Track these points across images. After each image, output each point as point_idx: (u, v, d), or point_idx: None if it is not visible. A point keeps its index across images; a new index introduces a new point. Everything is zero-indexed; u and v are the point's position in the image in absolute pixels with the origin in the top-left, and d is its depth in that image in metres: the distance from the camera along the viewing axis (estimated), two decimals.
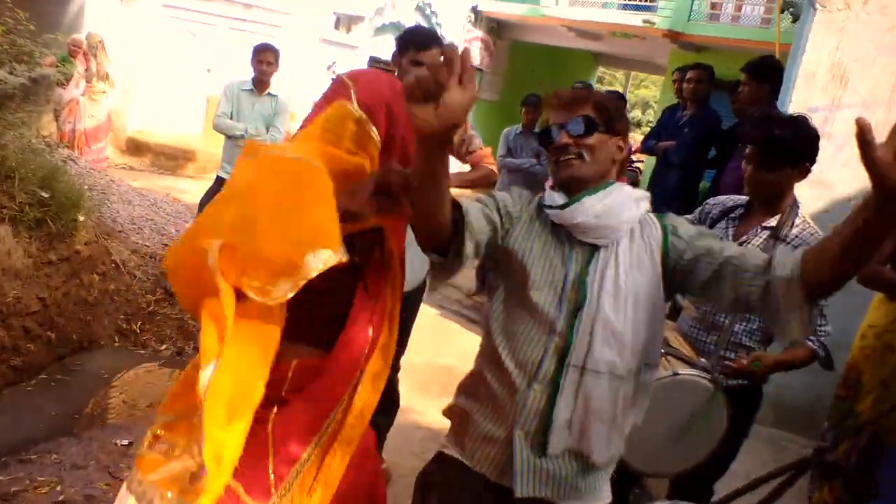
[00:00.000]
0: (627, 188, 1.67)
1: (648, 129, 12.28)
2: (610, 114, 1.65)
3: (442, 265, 1.58)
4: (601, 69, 20.91)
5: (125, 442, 3.35)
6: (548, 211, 1.66)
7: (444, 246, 1.54)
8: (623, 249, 1.61)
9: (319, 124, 1.67)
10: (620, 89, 22.76)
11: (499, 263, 1.70)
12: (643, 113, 25.67)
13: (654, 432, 2.17)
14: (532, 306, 1.61)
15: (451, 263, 1.57)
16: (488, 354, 1.71)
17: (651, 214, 1.68)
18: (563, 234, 1.65)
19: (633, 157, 8.13)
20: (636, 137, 16.43)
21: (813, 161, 2.37)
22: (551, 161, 1.68)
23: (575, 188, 1.64)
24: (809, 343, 2.36)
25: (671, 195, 5.14)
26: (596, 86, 19.67)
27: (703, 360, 2.35)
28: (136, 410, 3.78)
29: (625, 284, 1.58)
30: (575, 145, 1.62)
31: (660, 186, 5.33)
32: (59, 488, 2.94)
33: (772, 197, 2.41)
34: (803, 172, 2.37)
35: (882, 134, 4.05)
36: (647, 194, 1.68)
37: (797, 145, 2.32)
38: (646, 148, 5.62)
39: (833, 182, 3.79)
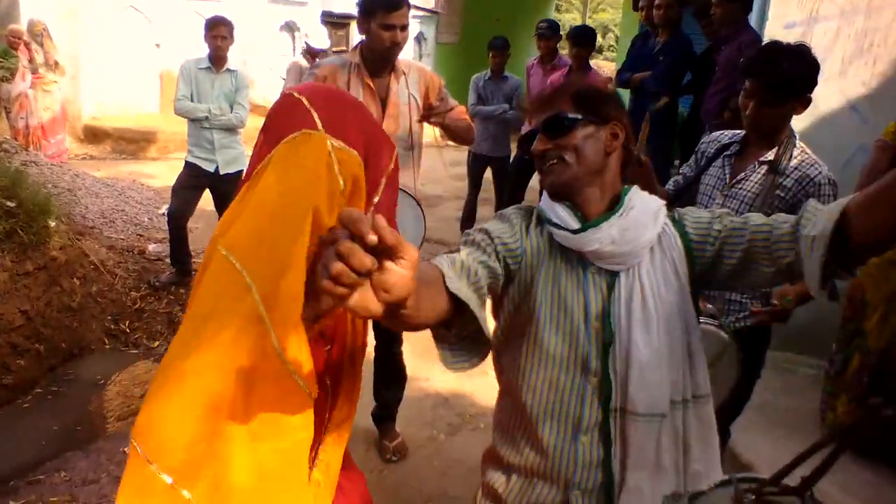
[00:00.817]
0: (642, 196, 1.44)
1: (609, 53, 12.10)
2: (594, 101, 1.44)
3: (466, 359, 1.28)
4: None
5: None
6: (553, 231, 1.43)
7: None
8: (646, 270, 1.39)
9: (291, 168, 1.29)
10: (578, 15, 22.40)
11: (506, 308, 1.48)
12: (603, 37, 25.29)
13: None
14: (549, 346, 1.41)
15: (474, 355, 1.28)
16: (514, 412, 1.50)
17: (666, 219, 1.44)
18: (575, 257, 1.42)
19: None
20: (599, 63, 16.21)
21: (812, 91, 2.30)
22: (538, 171, 1.48)
23: (565, 195, 1.43)
24: None
25: (651, 126, 5.05)
26: (553, 14, 19.31)
27: (710, 306, 2.32)
28: (134, 405, 3.71)
29: (654, 310, 1.36)
30: (555, 148, 1.42)
31: (638, 117, 5.24)
32: None
33: (772, 131, 2.34)
34: (805, 104, 2.30)
35: (859, 43, 3.98)
36: (663, 204, 1.45)
37: (802, 77, 2.25)
38: (621, 82, 5.51)
39: (816, 98, 3.70)
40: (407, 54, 13.75)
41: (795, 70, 2.22)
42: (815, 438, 2.83)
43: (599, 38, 26.02)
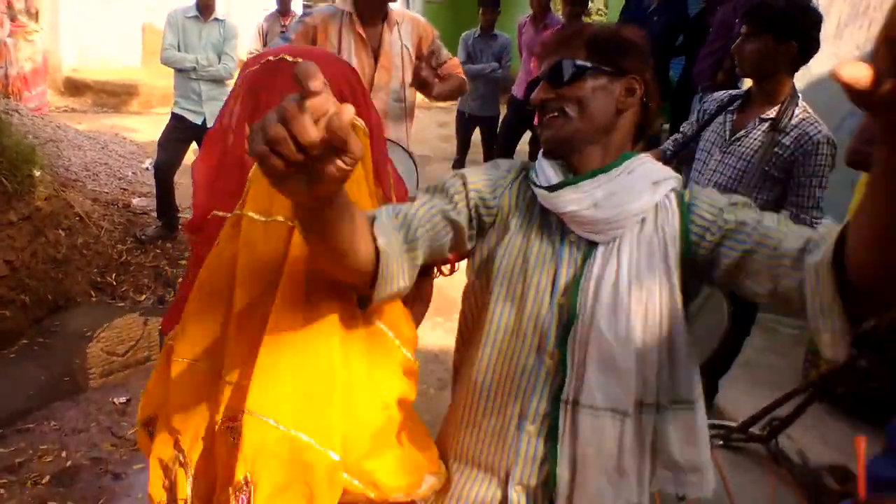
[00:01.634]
0: (648, 165, 1.23)
1: (599, 13, 11.97)
2: (612, 49, 1.22)
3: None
4: None
5: (122, 399, 3.29)
6: (534, 188, 1.26)
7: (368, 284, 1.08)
8: (628, 246, 1.18)
9: None
10: None
11: (475, 262, 1.32)
12: None
13: None
14: (505, 316, 1.24)
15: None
16: (464, 391, 1.32)
17: (671, 193, 1.22)
18: (555, 221, 1.24)
19: None
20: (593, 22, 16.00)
21: (804, 42, 2.29)
22: (538, 123, 1.30)
23: (562, 152, 1.25)
24: None
25: None
26: None
27: None
28: (128, 367, 3.71)
29: (627, 294, 1.15)
30: (557, 98, 1.23)
31: None
32: (63, 454, 2.89)
33: (765, 74, 2.35)
34: (790, 52, 2.29)
35: (855, 6, 3.93)
36: (673, 174, 1.23)
37: (790, 17, 2.25)
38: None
39: (811, 61, 3.72)
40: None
41: (781, 7, 2.25)
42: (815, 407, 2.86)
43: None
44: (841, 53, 3.68)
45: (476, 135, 6.37)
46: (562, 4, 5.51)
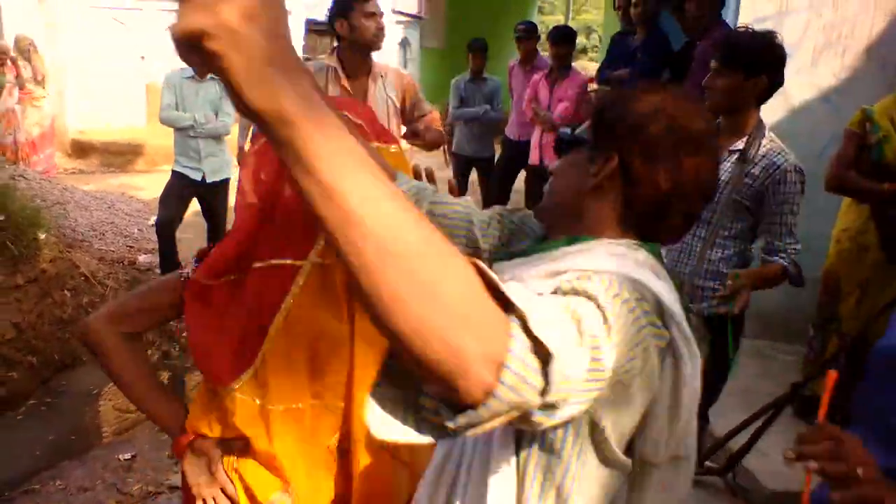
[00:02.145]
0: (586, 256, 0.98)
1: (593, 54, 12.20)
2: (607, 117, 1.07)
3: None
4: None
5: (128, 456, 3.33)
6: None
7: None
8: None
9: None
10: (562, 17, 22.49)
11: None
12: (587, 38, 25.44)
13: None
14: None
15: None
16: None
17: None
18: None
19: (590, 88, 8.10)
20: (584, 65, 16.30)
21: (772, 76, 2.37)
22: None
23: (545, 225, 1.20)
24: (781, 260, 2.39)
25: None
26: (536, 17, 19.41)
27: None
28: (134, 424, 3.75)
29: None
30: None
31: None
32: None
33: (727, 108, 2.42)
34: (759, 86, 2.36)
35: (828, 35, 4.04)
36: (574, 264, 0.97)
37: (756, 53, 2.32)
38: (602, 80, 5.58)
39: (787, 90, 3.78)
40: (391, 60, 13.84)
41: (745, 40, 2.33)
42: (794, 422, 2.91)
43: (583, 39, 26.17)
44: (818, 81, 3.77)
45: (473, 174, 6.48)
46: (548, 47, 5.65)
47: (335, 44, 3.07)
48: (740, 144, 2.43)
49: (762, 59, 2.36)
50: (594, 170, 1.04)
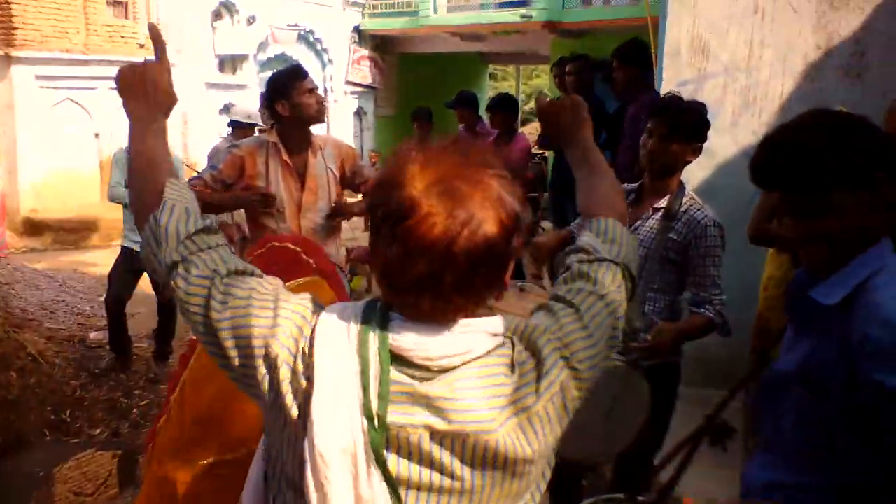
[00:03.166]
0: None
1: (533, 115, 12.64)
2: None
3: None
4: (492, 67, 21.29)
5: None
6: None
7: None
8: None
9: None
10: (513, 83, 23.22)
11: None
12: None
13: (582, 420, 2.28)
14: None
15: None
16: None
17: None
18: None
19: (536, 152, 8.38)
20: (536, 127, 16.80)
21: (702, 140, 2.54)
22: None
23: None
24: (706, 312, 2.50)
25: (570, 182, 5.31)
26: (489, 83, 20.02)
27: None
28: (83, 498, 3.68)
29: None
30: None
31: (560, 175, 5.53)
32: None
33: (667, 170, 2.55)
34: (696, 152, 2.53)
35: (745, 97, 4.28)
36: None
37: (697, 121, 2.50)
38: (542, 144, 5.81)
39: (712, 149, 4.00)
40: (348, 128, 14.13)
41: (695, 114, 2.51)
42: (739, 466, 2.99)
43: (534, 103, 27.00)
44: (739, 139, 3.99)
45: None
46: (490, 116, 5.85)
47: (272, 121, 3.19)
48: (664, 202, 2.57)
49: (702, 128, 2.53)
50: None
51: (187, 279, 1.06)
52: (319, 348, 0.96)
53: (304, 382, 0.97)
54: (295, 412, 0.97)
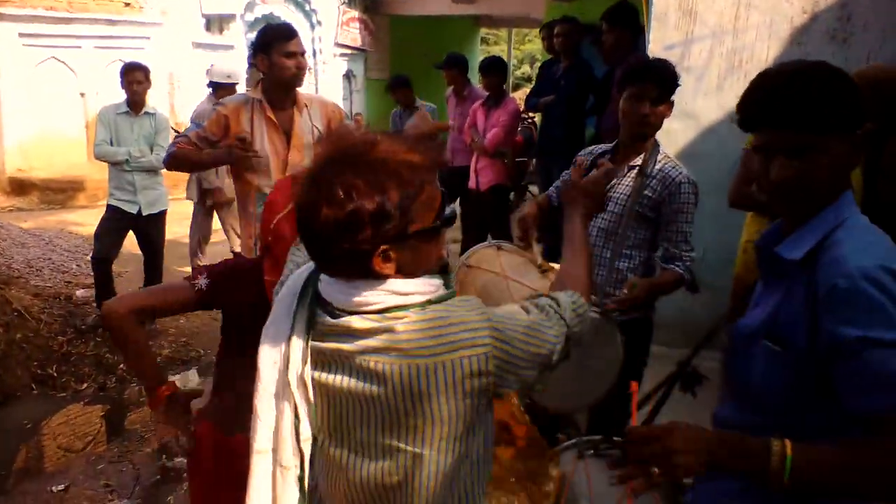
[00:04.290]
0: None
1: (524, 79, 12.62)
2: None
3: None
4: (484, 30, 21.05)
5: (61, 487, 3.32)
6: None
7: None
8: None
9: None
10: (505, 48, 23.03)
11: None
12: (532, 67, 26.04)
13: (558, 372, 2.34)
14: None
15: None
16: None
17: None
18: None
19: (527, 114, 8.36)
20: (527, 92, 16.71)
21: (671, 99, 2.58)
22: None
23: None
24: (676, 268, 2.56)
25: (559, 145, 5.34)
26: (480, 48, 19.84)
27: (593, 297, 2.52)
28: (69, 455, 3.73)
29: None
30: None
31: (548, 139, 5.54)
32: None
33: (647, 132, 2.59)
34: (669, 111, 2.56)
35: (731, 61, 4.27)
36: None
37: (675, 83, 2.54)
38: (530, 106, 5.81)
39: (697, 112, 4.02)
40: (337, 91, 14.00)
41: (673, 74, 2.54)
42: (682, 397, 3.06)
43: (527, 68, 26.77)
44: (724, 103, 4.00)
45: None
46: (481, 79, 5.84)
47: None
48: (639, 160, 2.60)
49: (672, 84, 2.56)
50: None
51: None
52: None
53: None
54: None
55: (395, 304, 1.17)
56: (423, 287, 1.19)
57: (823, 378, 1.25)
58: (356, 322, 1.17)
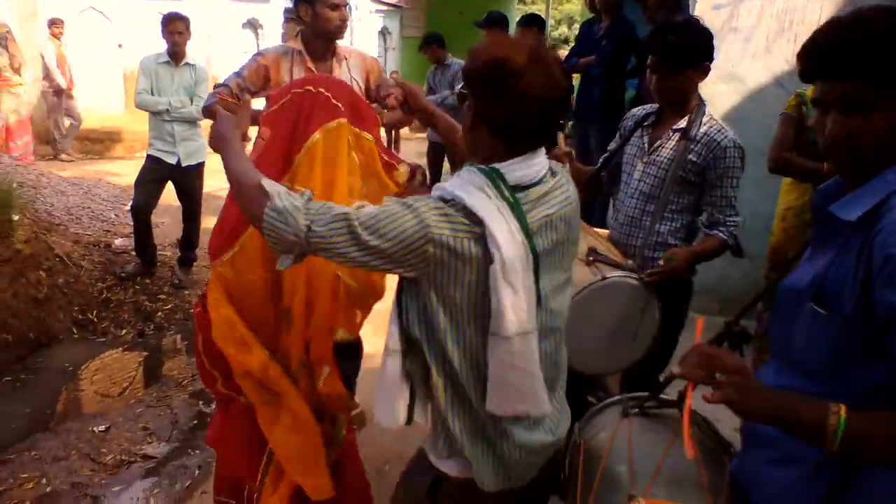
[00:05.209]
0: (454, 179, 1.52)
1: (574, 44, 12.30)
2: (466, 77, 1.51)
3: None
4: None
5: (102, 428, 3.43)
6: None
7: None
8: None
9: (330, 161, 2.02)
10: (542, 7, 22.60)
11: None
12: (569, 28, 25.56)
13: (594, 335, 2.34)
14: None
15: None
16: None
17: None
18: None
19: None
20: (564, 53, 16.43)
21: (711, 58, 2.48)
22: None
23: None
24: (720, 233, 2.51)
25: (596, 108, 5.26)
26: (517, 7, 19.50)
27: (631, 261, 2.50)
28: (108, 398, 3.84)
29: None
30: None
31: (585, 101, 5.45)
32: (44, 481, 3.02)
33: (679, 100, 2.53)
34: (704, 71, 2.48)
35: (781, 22, 4.17)
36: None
37: (694, 46, 2.43)
38: (568, 66, 5.70)
39: (744, 75, 3.94)
40: (371, 48, 13.90)
41: (684, 39, 2.41)
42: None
43: (565, 29, 26.30)
44: (772, 66, 3.91)
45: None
46: (519, 34, 5.76)
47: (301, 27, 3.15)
48: (683, 123, 2.54)
49: (701, 50, 2.47)
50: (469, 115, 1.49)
51: (323, 231, 1.37)
52: (489, 220, 1.36)
53: (476, 246, 1.37)
54: (475, 264, 1.37)
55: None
56: None
57: (871, 343, 1.22)
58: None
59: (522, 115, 1.41)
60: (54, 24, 9.13)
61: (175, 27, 4.89)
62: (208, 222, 5.90)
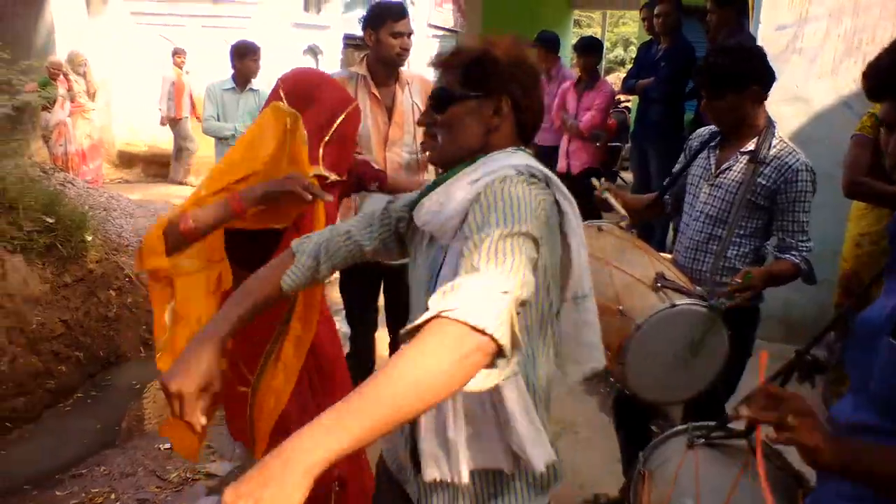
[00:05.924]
0: (495, 162, 1.32)
1: (631, 66, 12.26)
2: (480, 72, 1.34)
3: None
4: (577, 12, 20.69)
5: (167, 446, 3.51)
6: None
7: None
8: (453, 245, 1.30)
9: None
10: (598, 30, 22.57)
11: None
12: (625, 50, 25.40)
13: (660, 363, 2.29)
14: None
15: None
16: None
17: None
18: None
19: (620, 98, 8.18)
20: (620, 76, 16.33)
21: (763, 84, 2.42)
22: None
23: (444, 167, 1.41)
24: (792, 258, 2.45)
25: (655, 130, 5.21)
26: (573, 30, 19.50)
27: (699, 287, 2.45)
28: (170, 418, 3.93)
29: None
30: (434, 123, 1.39)
31: (644, 123, 5.41)
32: (112, 496, 3.11)
33: (732, 123, 2.48)
34: (754, 95, 2.42)
35: (849, 42, 4.09)
36: (500, 173, 1.27)
37: (732, 70, 2.38)
38: (626, 88, 5.68)
39: (809, 97, 3.85)
40: (428, 72, 14.05)
41: (722, 62, 2.37)
42: (818, 408, 2.96)
43: (621, 51, 26.16)
44: (839, 87, 3.82)
45: None
46: (576, 59, 5.75)
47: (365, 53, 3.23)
48: (751, 145, 2.49)
49: (744, 73, 2.41)
50: (491, 111, 1.35)
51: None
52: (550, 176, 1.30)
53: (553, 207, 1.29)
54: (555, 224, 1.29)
55: None
56: None
57: None
58: None
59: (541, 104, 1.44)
60: (176, 53, 9.44)
61: (252, 56, 5.06)
62: None
